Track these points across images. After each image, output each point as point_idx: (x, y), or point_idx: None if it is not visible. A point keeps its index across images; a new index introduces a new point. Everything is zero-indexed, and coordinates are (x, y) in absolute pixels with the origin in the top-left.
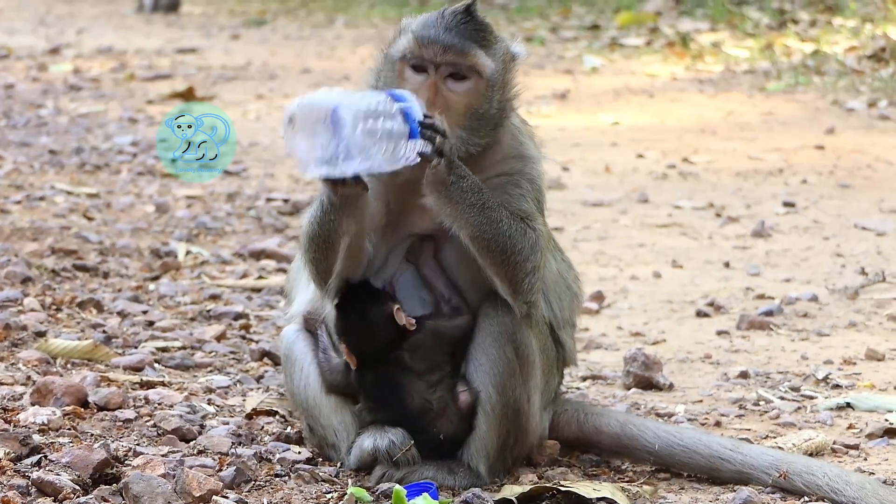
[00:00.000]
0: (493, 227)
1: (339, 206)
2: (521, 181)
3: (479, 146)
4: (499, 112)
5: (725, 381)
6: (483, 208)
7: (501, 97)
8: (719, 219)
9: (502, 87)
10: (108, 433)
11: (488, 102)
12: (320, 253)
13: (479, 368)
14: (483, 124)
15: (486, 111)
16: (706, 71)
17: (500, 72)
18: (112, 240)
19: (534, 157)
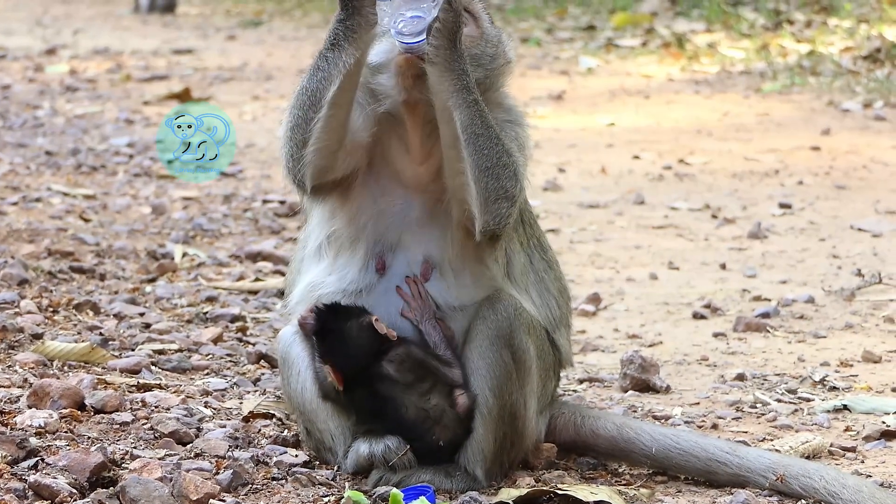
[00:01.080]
0: (485, 126)
1: (348, 27)
2: (507, 131)
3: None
4: (491, 65)
5: (722, 384)
6: (478, 103)
7: (494, 54)
8: (715, 220)
9: (496, 48)
10: (105, 436)
11: (482, 51)
12: (304, 111)
13: (475, 372)
14: (476, 66)
15: (480, 56)
16: (702, 72)
17: (496, 37)
18: (108, 241)
19: (522, 123)
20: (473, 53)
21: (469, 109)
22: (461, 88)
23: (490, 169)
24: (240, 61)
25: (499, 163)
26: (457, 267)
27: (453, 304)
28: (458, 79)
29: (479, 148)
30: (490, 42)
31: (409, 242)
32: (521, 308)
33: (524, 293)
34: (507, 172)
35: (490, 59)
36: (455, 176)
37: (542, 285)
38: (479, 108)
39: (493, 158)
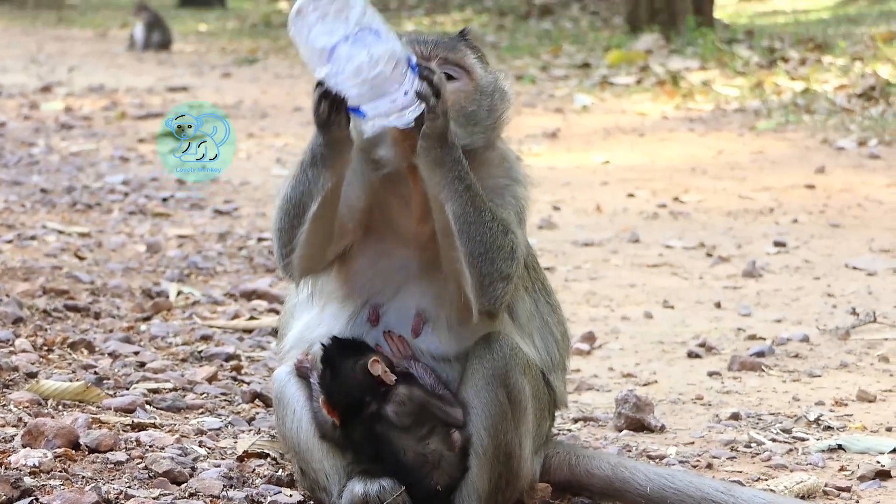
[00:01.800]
0: (478, 212)
1: (325, 152)
2: (506, 196)
3: (468, 146)
4: (488, 120)
5: (717, 423)
6: (471, 189)
7: (491, 106)
8: (710, 259)
9: (492, 98)
10: (100, 475)
11: (478, 105)
12: (289, 219)
13: (471, 411)
14: (473, 124)
15: (475, 113)
16: (696, 110)
17: (491, 85)
18: (103, 280)
19: (522, 181)
20: (469, 112)
21: (461, 199)
22: (452, 179)
23: (485, 254)
24: (235, 99)
25: (493, 246)
26: (453, 321)
27: (448, 355)
28: (449, 171)
29: (472, 236)
30: (486, 93)
31: (404, 296)
32: (517, 348)
33: (527, 337)
34: (502, 254)
35: (487, 114)
36: (451, 262)
37: (546, 329)
38: (471, 194)
39: (488, 243)
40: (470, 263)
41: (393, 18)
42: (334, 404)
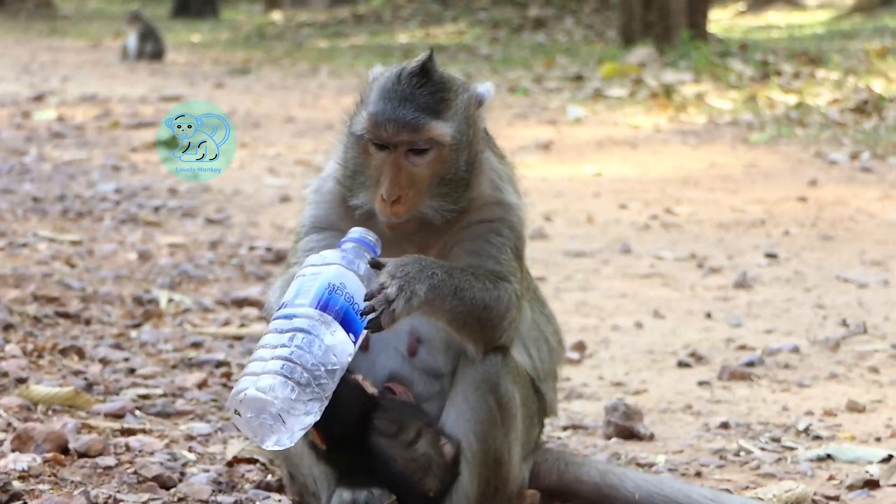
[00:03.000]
0: (468, 305)
1: None
2: (503, 228)
3: (455, 211)
4: (468, 169)
5: (706, 432)
6: (455, 293)
7: (469, 154)
8: (701, 269)
9: (469, 144)
10: (89, 480)
11: (454, 165)
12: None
13: (460, 416)
14: (454, 187)
15: (454, 175)
16: (689, 122)
17: (464, 130)
18: (94, 287)
19: (514, 204)
20: (448, 178)
21: (447, 313)
22: (434, 310)
23: (484, 325)
24: (227, 109)
25: (490, 316)
26: (449, 340)
27: (443, 371)
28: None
29: (468, 325)
30: (460, 146)
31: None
32: (508, 356)
33: (520, 345)
34: (499, 316)
35: (467, 167)
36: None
37: (542, 338)
38: (456, 297)
39: (485, 319)
40: (471, 338)
41: (386, 31)
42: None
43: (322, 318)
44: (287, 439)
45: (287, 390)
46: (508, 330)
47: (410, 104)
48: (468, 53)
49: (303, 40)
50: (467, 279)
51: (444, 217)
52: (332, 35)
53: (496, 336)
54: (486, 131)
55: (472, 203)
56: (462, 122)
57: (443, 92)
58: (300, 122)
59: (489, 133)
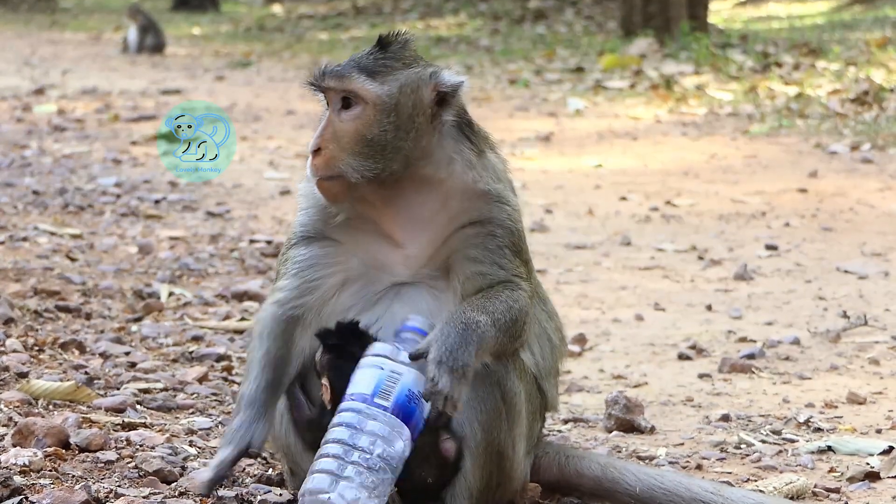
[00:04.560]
0: (505, 333)
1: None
2: (495, 230)
3: (378, 171)
4: (401, 140)
5: (707, 425)
6: (497, 330)
7: (406, 126)
8: (702, 262)
9: (406, 116)
10: (90, 475)
11: (381, 128)
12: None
13: (466, 405)
14: (379, 151)
15: (378, 138)
16: (690, 114)
17: (398, 99)
18: (95, 281)
19: (500, 195)
20: (370, 139)
21: (493, 352)
22: (480, 357)
23: (513, 340)
24: (228, 102)
25: (518, 328)
26: None
27: None
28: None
29: (504, 348)
30: (386, 109)
31: (395, 320)
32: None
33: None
34: (521, 325)
35: (399, 137)
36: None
37: (544, 335)
38: (499, 332)
39: (515, 334)
40: (502, 355)
41: (387, 22)
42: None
43: (400, 428)
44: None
45: (366, 498)
46: (527, 334)
47: (352, 62)
48: (468, 45)
49: (303, 32)
50: (495, 305)
51: (364, 176)
52: (333, 27)
53: (521, 343)
54: (465, 123)
55: (450, 194)
56: (399, 92)
57: (388, 60)
58: (301, 115)
59: (471, 125)
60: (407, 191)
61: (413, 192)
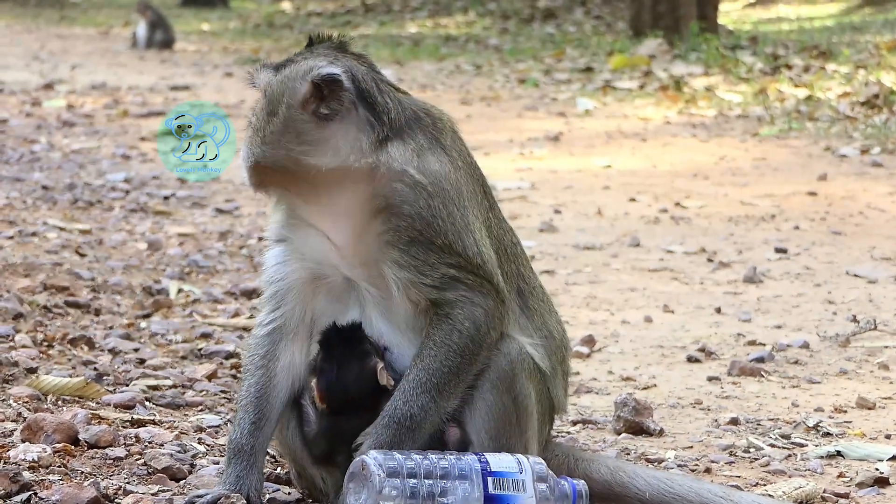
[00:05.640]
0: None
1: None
2: (399, 222)
3: (262, 157)
4: (272, 125)
5: (716, 428)
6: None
7: (275, 110)
8: (711, 264)
9: (281, 102)
10: (99, 471)
11: (260, 115)
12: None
13: (474, 413)
14: (258, 136)
15: (257, 124)
16: (699, 115)
17: (276, 87)
18: (104, 277)
19: (398, 173)
20: (261, 125)
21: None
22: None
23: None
24: (236, 98)
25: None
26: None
27: None
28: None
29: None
30: (273, 98)
31: (372, 327)
32: (524, 352)
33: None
34: (468, 360)
35: (270, 120)
36: None
37: (545, 331)
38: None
39: (463, 375)
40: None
41: (396, 20)
42: (326, 391)
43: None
44: None
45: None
46: (490, 346)
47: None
48: (477, 44)
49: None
50: (430, 365)
51: (255, 163)
52: (342, 25)
53: (477, 369)
54: (371, 110)
55: (347, 177)
56: (279, 82)
57: (299, 56)
58: None
59: (376, 112)
60: (326, 184)
61: (330, 185)
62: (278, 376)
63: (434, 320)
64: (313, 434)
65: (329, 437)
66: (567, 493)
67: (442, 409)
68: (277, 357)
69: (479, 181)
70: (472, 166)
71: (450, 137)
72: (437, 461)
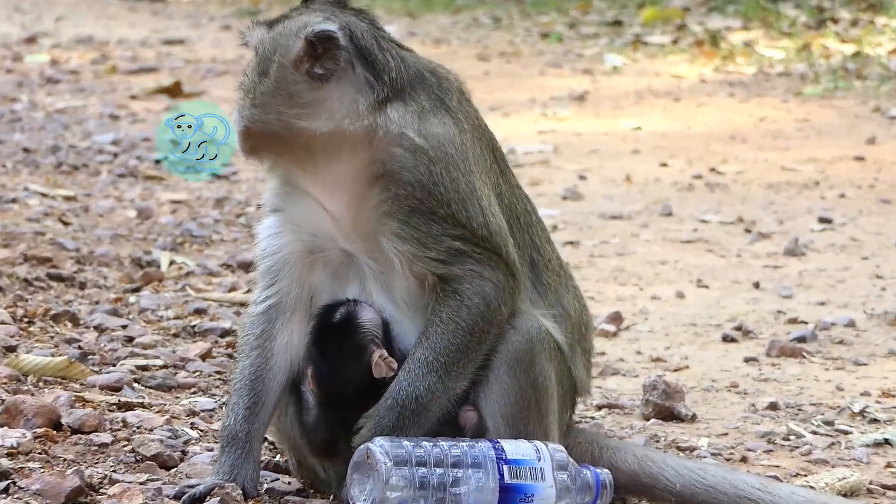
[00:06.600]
0: (461, 364)
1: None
2: (399, 190)
3: (256, 120)
4: (265, 85)
5: (753, 413)
6: (445, 381)
7: (267, 69)
8: (749, 235)
9: (273, 60)
10: (83, 458)
11: (253, 75)
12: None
13: (489, 396)
14: (250, 97)
15: (250, 84)
16: (737, 73)
17: (268, 44)
18: (90, 247)
19: (396, 137)
20: (254, 85)
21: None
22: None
23: (473, 360)
24: (235, 54)
25: (472, 345)
26: (418, 315)
27: None
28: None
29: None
30: (264, 56)
31: (374, 302)
32: (543, 330)
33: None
34: (477, 339)
35: (261, 79)
36: None
37: (560, 305)
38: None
39: (472, 353)
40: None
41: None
42: (319, 379)
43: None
44: None
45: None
46: (500, 323)
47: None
48: None
49: None
50: (436, 343)
51: (248, 126)
52: None
53: (489, 344)
54: (371, 70)
55: (344, 141)
56: (272, 39)
57: (293, 12)
58: None
59: (376, 71)
60: (321, 150)
61: (325, 151)
62: (275, 357)
63: (441, 296)
64: (312, 421)
65: (329, 424)
66: (590, 483)
67: (450, 391)
68: (274, 336)
69: (489, 145)
70: (480, 129)
71: (456, 99)
72: (448, 449)
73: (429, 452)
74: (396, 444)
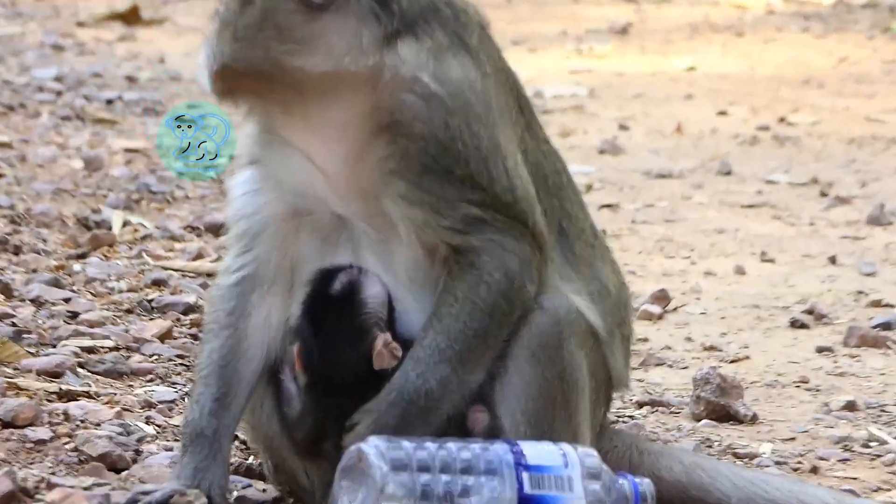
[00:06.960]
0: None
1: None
2: (409, 145)
3: (238, 56)
4: (251, 14)
5: (826, 414)
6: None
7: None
8: (825, 199)
9: None
10: (15, 457)
11: (241, 2)
12: None
13: (506, 390)
14: (237, 28)
15: (238, 14)
16: (813, 3)
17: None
18: (27, 204)
19: (417, 73)
20: (231, 18)
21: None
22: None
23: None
24: None
25: (493, 328)
26: (418, 284)
27: None
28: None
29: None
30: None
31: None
32: (573, 310)
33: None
34: (500, 320)
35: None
36: None
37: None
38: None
39: (494, 338)
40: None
41: None
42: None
43: None
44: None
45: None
46: (525, 304)
47: None
48: None
49: None
50: (450, 327)
51: (225, 64)
52: None
53: (510, 326)
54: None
55: (342, 83)
56: None
57: None
58: None
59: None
60: (315, 93)
61: (320, 94)
62: (249, 339)
63: (455, 271)
64: (295, 415)
65: (315, 418)
66: (627, 494)
67: (465, 385)
68: (248, 314)
69: (514, 92)
70: (504, 72)
71: (476, 35)
72: (457, 451)
73: (433, 455)
74: (395, 446)
